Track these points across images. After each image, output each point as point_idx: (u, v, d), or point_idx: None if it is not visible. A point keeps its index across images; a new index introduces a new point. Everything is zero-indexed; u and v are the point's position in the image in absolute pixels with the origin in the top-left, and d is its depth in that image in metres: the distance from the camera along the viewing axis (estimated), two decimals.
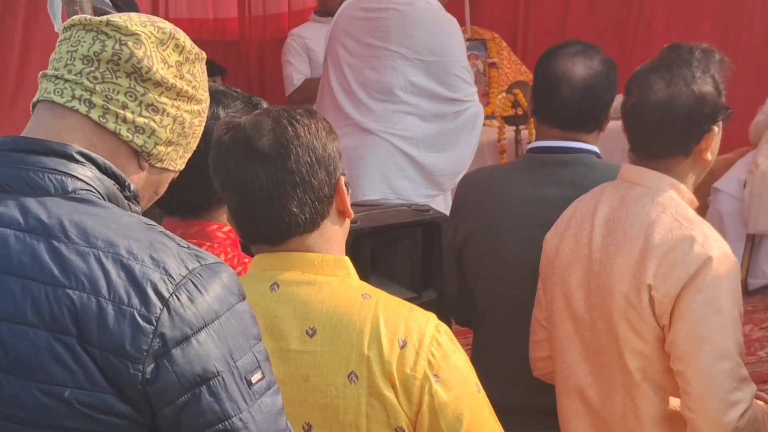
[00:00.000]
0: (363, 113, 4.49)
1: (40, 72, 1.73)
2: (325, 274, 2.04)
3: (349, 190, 2.11)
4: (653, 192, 2.57)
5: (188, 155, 1.81)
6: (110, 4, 4.22)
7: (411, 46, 4.45)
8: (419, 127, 4.50)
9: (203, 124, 1.82)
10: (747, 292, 6.40)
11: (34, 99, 1.71)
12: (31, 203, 1.56)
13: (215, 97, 2.22)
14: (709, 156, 2.60)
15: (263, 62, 7.04)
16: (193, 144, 1.81)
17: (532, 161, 3.04)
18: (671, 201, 2.55)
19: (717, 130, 2.59)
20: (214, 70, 5.72)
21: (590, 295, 2.64)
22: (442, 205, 4.56)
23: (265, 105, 2.43)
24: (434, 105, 4.49)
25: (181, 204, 2.33)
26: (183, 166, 1.81)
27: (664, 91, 2.53)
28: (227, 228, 2.36)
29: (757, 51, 7.76)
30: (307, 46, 6.38)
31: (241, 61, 6.94)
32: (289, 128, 2.02)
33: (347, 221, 2.13)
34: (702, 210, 6.69)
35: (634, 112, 2.60)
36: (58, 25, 3.11)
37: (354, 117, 4.55)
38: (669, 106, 2.53)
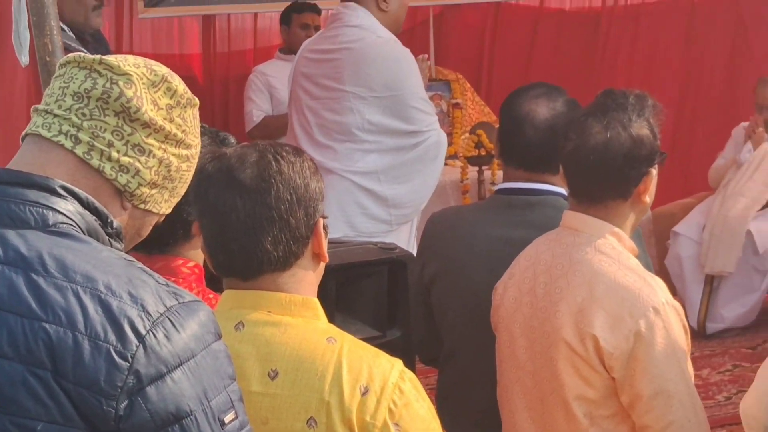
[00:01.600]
0: (324, 154, 4.47)
1: (33, 106, 1.73)
2: (292, 314, 2.02)
3: (327, 234, 2.09)
4: (595, 239, 2.60)
5: (175, 200, 1.81)
6: (73, 37, 4.21)
7: (365, 85, 4.44)
8: (379, 162, 4.48)
9: (192, 169, 1.82)
10: (705, 336, 6.45)
11: (24, 132, 1.72)
12: (11, 235, 1.56)
13: None
14: (648, 199, 2.64)
15: (227, 98, 7.05)
16: (181, 189, 1.80)
17: (500, 202, 3.05)
18: (613, 250, 2.59)
19: (654, 172, 2.62)
20: None
21: (534, 343, 2.65)
22: (405, 240, 4.54)
23: (232, 140, 2.43)
24: (394, 140, 4.47)
25: (146, 239, 2.30)
26: (169, 210, 1.81)
27: (602, 134, 2.56)
28: (192, 263, 2.35)
29: (717, 96, 7.86)
30: (269, 84, 6.39)
31: (205, 96, 6.92)
32: (274, 163, 2.01)
33: (322, 265, 2.11)
34: (662, 253, 6.76)
35: (574, 156, 2.63)
36: (25, 58, 3.08)
37: (316, 158, 4.55)
38: (607, 148, 2.56)
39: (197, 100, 1.81)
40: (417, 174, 4.52)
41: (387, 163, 4.49)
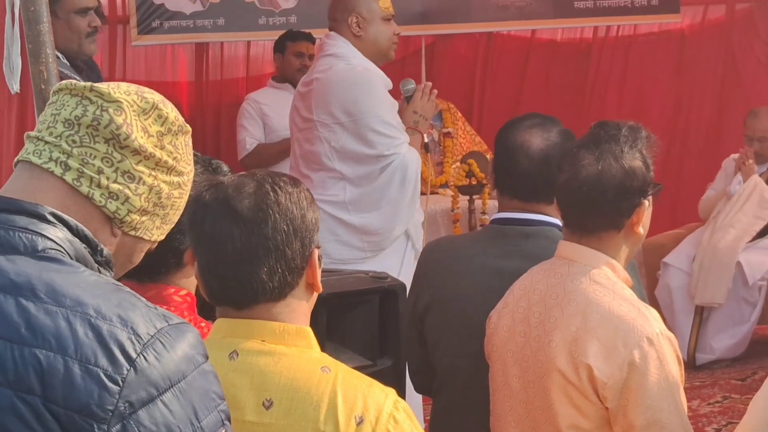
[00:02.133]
0: (306, 184, 4.48)
1: (26, 132, 1.74)
2: (285, 344, 2.02)
3: (321, 264, 2.10)
4: (589, 269, 2.60)
5: (168, 227, 1.82)
6: (68, 64, 4.22)
7: (328, 112, 4.44)
8: (348, 191, 4.47)
9: (185, 196, 1.83)
10: (695, 366, 6.46)
11: (16, 158, 1.73)
12: (1, 261, 1.56)
13: None
14: (641, 230, 2.64)
15: (219, 126, 7.06)
16: (173, 216, 1.81)
17: (494, 232, 3.06)
18: (608, 280, 2.59)
19: (647, 204, 2.64)
20: None
21: (527, 372, 2.65)
22: (395, 269, 4.52)
23: (225, 168, 2.43)
24: (361, 166, 4.45)
25: (138, 267, 2.30)
26: (161, 237, 1.82)
27: (594, 165, 2.58)
28: (184, 292, 2.34)
29: (706, 128, 7.91)
30: (262, 111, 6.40)
31: (197, 124, 6.94)
32: (271, 194, 2.01)
33: (315, 295, 2.11)
34: (652, 284, 6.77)
35: (566, 187, 2.64)
36: (16, 86, 3.10)
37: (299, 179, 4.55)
38: (599, 180, 2.57)
39: (189, 128, 1.82)
40: (386, 201, 4.49)
41: (356, 192, 4.48)
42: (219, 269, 2.02)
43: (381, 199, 4.47)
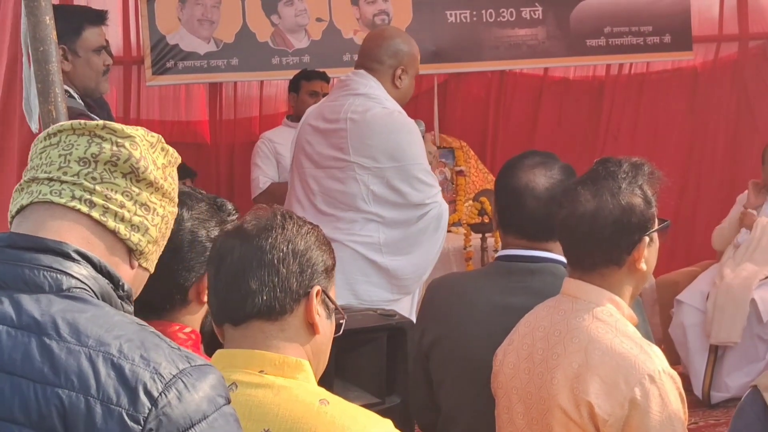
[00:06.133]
0: (327, 223, 4.42)
1: (20, 183, 1.75)
2: (284, 375, 2.03)
3: (331, 312, 2.10)
4: (593, 306, 2.60)
5: (157, 257, 1.85)
6: (81, 103, 4.25)
7: (369, 155, 4.45)
8: (382, 233, 4.48)
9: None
10: (710, 405, 6.40)
11: (23, 202, 1.73)
12: (26, 300, 1.59)
13: (180, 198, 2.24)
14: (644, 266, 2.63)
15: (233, 164, 7.09)
16: (163, 246, 1.86)
17: (500, 269, 3.06)
18: (610, 317, 2.59)
19: (649, 240, 2.62)
20: (185, 172, 5.70)
21: (530, 409, 2.65)
22: (407, 308, 4.52)
23: (230, 206, 2.46)
24: (398, 212, 4.47)
25: (142, 304, 2.31)
26: (153, 269, 1.86)
27: (591, 202, 2.58)
28: (189, 329, 2.35)
29: (721, 164, 7.90)
30: (276, 150, 6.41)
31: (211, 163, 6.99)
32: (279, 218, 2.06)
33: (316, 340, 2.10)
34: (665, 322, 6.73)
35: (564, 224, 2.65)
36: (35, 124, 3.11)
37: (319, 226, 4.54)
38: (595, 216, 2.57)
39: (180, 159, 1.88)
40: (418, 246, 4.51)
41: (390, 235, 4.48)
42: (218, 282, 2.06)
43: (415, 244, 4.48)
